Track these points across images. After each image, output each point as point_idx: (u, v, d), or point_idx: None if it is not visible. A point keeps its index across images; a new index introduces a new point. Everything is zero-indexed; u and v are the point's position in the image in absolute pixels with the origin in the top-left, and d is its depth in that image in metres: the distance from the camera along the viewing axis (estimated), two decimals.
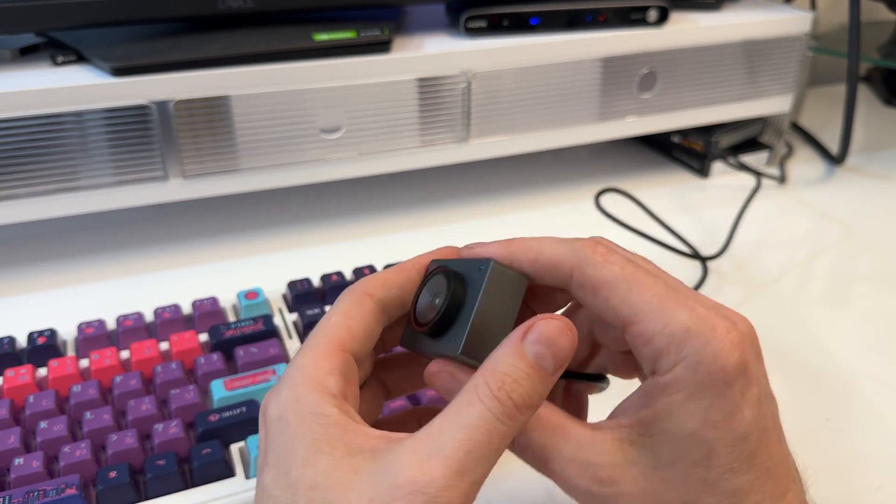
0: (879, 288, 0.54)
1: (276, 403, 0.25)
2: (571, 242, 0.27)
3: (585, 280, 0.26)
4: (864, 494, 0.37)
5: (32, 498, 0.32)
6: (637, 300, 0.25)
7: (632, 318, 0.25)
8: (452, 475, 0.23)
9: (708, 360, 0.24)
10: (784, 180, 0.69)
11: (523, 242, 0.28)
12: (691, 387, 0.24)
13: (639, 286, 0.25)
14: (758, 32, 0.64)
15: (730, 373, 0.24)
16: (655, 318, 0.25)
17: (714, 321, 0.25)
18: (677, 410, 0.24)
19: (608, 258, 0.26)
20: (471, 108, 0.58)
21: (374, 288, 0.29)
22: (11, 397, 0.39)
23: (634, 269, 0.26)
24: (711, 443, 0.24)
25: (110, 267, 0.56)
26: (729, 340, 0.24)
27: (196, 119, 0.51)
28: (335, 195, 0.66)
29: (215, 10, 0.53)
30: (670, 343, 0.24)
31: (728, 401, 0.24)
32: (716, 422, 0.24)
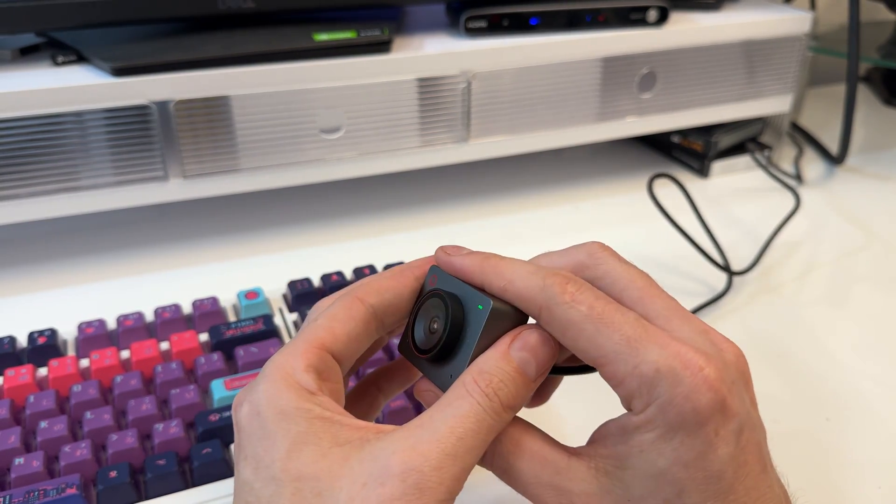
0: (879, 288, 0.54)
1: (250, 399, 0.25)
2: (543, 277, 0.26)
3: (553, 320, 0.26)
4: (864, 494, 0.37)
5: (33, 498, 0.32)
6: (605, 343, 0.25)
7: (601, 360, 0.25)
8: (445, 457, 0.24)
9: (678, 400, 0.24)
10: (801, 180, 0.69)
11: (497, 267, 0.27)
12: (662, 427, 0.24)
13: (606, 328, 0.25)
14: (758, 32, 0.64)
15: (702, 413, 0.24)
16: (624, 361, 0.24)
17: (687, 358, 0.24)
18: (648, 449, 0.24)
19: (576, 298, 0.25)
20: (471, 108, 0.58)
21: (368, 294, 0.28)
22: (12, 397, 0.39)
23: (603, 307, 0.25)
24: (682, 482, 0.24)
25: (111, 267, 0.56)
26: (702, 379, 0.24)
27: (196, 119, 0.51)
28: (335, 195, 0.66)
29: (215, 10, 0.53)
30: (641, 385, 0.24)
31: (700, 440, 0.24)
32: (686, 461, 0.24)
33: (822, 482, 0.38)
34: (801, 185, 0.69)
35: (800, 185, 0.69)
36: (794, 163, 0.72)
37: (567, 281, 0.26)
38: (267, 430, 0.24)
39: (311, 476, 0.23)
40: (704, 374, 0.24)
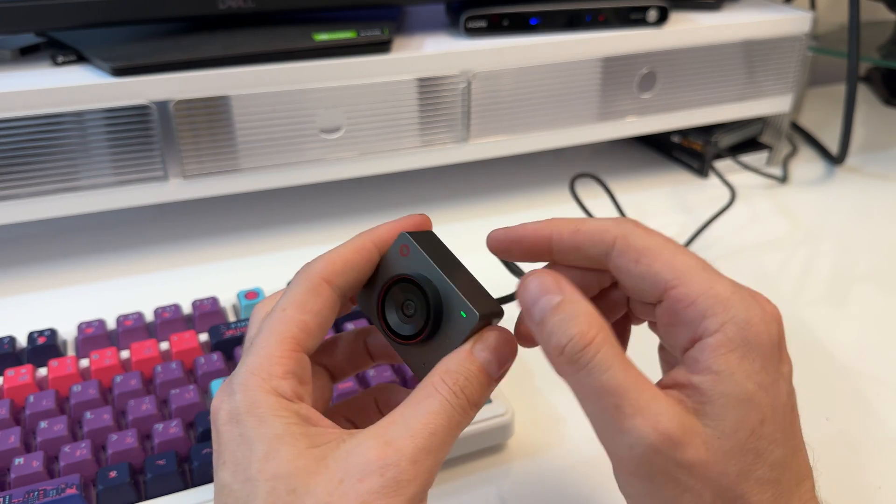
0: (879, 288, 0.54)
1: (229, 406, 0.25)
2: (616, 217, 0.28)
3: (629, 247, 0.27)
4: (864, 494, 0.37)
5: (32, 498, 0.32)
6: (681, 264, 0.26)
7: (675, 281, 0.25)
8: (419, 452, 0.24)
9: (756, 321, 0.25)
10: (786, 179, 0.69)
11: (563, 220, 0.29)
12: (744, 346, 0.24)
13: (682, 254, 0.26)
14: (758, 32, 0.64)
15: (774, 339, 0.25)
16: (700, 282, 0.25)
17: (754, 294, 0.26)
18: (736, 370, 0.24)
19: (651, 231, 0.27)
20: (471, 108, 0.58)
21: (334, 273, 0.28)
22: (11, 397, 0.39)
23: (677, 243, 0.27)
24: (764, 409, 0.24)
25: (110, 267, 0.56)
26: (770, 310, 0.26)
27: (196, 119, 0.51)
28: (335, 195, 0.66)
29: (216, 10, 0.53)
30: (716, 303, 0.25)
31: (773, 367, 0.25)
32: (767, 386, 0.24)
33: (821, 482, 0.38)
34: (784, 183, 0.69)
35: (783, 183, 0.69)
36: (783, 162, 0.72)
37: (639, 222, 0.28)
38: (245, 436, 0.25)
39: (286, 475, 0.24)
40: (770, 308, 0.26)
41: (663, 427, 0.23)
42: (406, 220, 0.30)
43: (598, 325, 0.25)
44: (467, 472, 0.38)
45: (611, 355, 0.24)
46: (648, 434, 0.23)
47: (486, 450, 0.39)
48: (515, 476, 0.38)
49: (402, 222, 0.30)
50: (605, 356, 0.24)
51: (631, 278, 0.27)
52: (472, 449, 0.39)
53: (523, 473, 0.38)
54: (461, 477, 0.38)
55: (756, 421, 0.24)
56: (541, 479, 0.38)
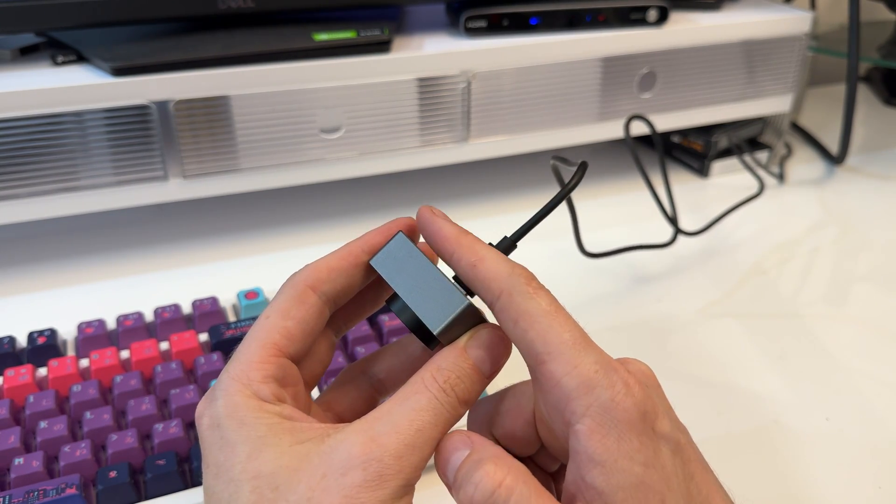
0: (879, 288, 0.54)
1: (210, 412, 0.25)
2: (512, 266, 0.27)
3: (510, 307, 0.26)
4: (864, 494, 0.37)
5: (32, 497, 0.32)
6: (553, 339, 0.25)
7: (545, 355, 0.25)
8: (404, 447, 0.24)
9: (619, 399, 0.24)
10: (783, 179, 0.69)
11: (472, 244, 0.28)
12: (615, 428, 0.24)
13: (558, 325, 0.25)
14: (758, 32, 0.64)
15: (641, 411, 0.24)
16: (565, 360, 0.24)
17: (615, 365, 0.25)
18: (619, 457, 0.23)
19: (539, 292, 0.26)
20: (471, 108, 0.58)
21: (319, 281, 0.28)
22: (11, 397, 0.39)
23: (558, 308, 0.26)
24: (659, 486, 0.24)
25: (110, 267, 0.56)
26: (632, 383, 0.24)
27: (196, 119, 0.51)
28: (335, 195, 0.66)
29: (215, 9, 0.53)
30: (580, 384, 0.24)
31: (650, 440, 0.24)
32: (652, 462, 0.24)
33: (821, 482, 0.38)
34: (781, 184, 0.69)
35: (780, 184, 0.69)
36: (780, 162, 0.72)
37: (532, 276, 0.27)
38: (227, 439, 0.25)
39: (269, 473, 0.24)
40: (631, 377, 0.25)
41: None
42: (395, 224, 0.30)
43: (507, 467, 0.24)
44: None
45: (525, 496, 0.24)
46: None
47: None
48: None
49: (392, 225, 0.30)
50: (519, 498, 0.24)
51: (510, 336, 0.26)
52: None
53: None
54: None
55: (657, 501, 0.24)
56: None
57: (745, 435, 0.41)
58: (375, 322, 0.44)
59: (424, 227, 0.29)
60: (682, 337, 0.48)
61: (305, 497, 0.23)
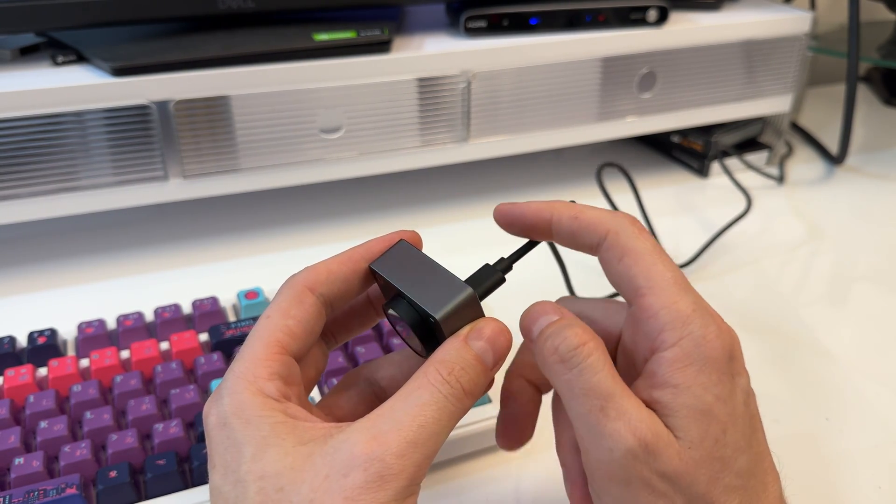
0: (879, 288, 0.54)
1: (217, 411, 0.25)
2: (615, 211, 0.29)
3: (617, 244, 0.28)
4: (864, 494, 0.37)
5: (33, 497, 0.32)
6: (656, 275, 0.27)
7: (645, 289, 0.27)
8: (406, 445, 0.24)
9: (711, 337, 0.26)
10: (783, 180, 0.69)
11: (567, 204, 0.30)
12: (699, 361, 0.26)
13: (661, 264, 0.27)
14: (757, 32, 0.65)
15: (727, 354, 0.26)
16: (667, 295, 0.26)
17: (713, 312, 0.27)
18: (693, 384, 0.25)
19: (642, 233, 0.28)
20: (471, 108, 0.58)
21: (317, 283, 0.28)
22: (12, 397, 0.39)
23: (662, 250, 0.28)
24: (724, 419, 0.25)
25: (110, 267, 0.56)
26: (725, 328, 0.27)
27: (196, 119, 0.51)
28: (335, 195, 0.66)
29: (216, 9, 0.53)
30: (676, 318, 0.26)
31: (728, 379, 0.26)
32: (724, 397, 0.26)
33: (821, 482, 0.38)
34: (781, 184, 0.69)
35: (780, 184, 0.69)
36: (780, 162, 0.72)
37: (636, 220, 0.29)
38: (233, 438, 0.25)
39: (274, 474, 0.24)
40: (725, 326, 0.27)
41: (641, 434, 0.25)
42: (398, 235, 0.30)
43: (592, 335, 0.26)
44: (467, 472, 0.38)
45: (602, 361, 0.26)
46: (628, 439, 0.25)
47: (486, 450, 0.39)
48: (515, 476, 0.38)
49: (394, 236, 0.30)
50: (597, 360, 0.26)
51: (611, 274, 0.28)
52: (472, 449, 0.39)
53: (523, 473, 0.38)
54: (461, 477, 0.38)
55: (718, 431, 0.25)
56: (541, 479, 0.38)
57: None
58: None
59: (510, 216, 0.31)
60: None
61: (308, 499, 0.23)
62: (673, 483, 0.25)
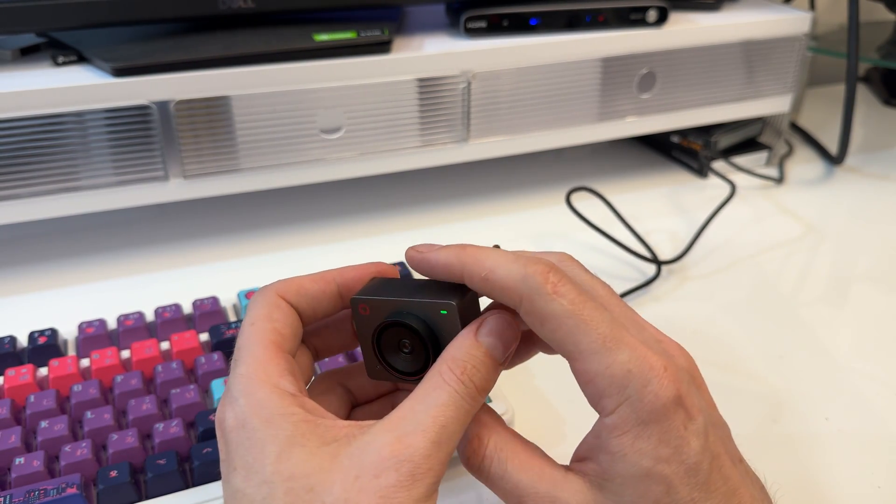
0: (879, 288, 0.54)
1: (234, 413, 0.25)
2: (524, 266, 0.26)
3: (534, 310, 0.26)
4: (864, 494, 0.37)
5: (33, 497, 0.32)
6: (582, 340, 0.25)
7: (576, 355, 0.26)
8: (431, 446, 0.25)
9: (648, 398, 0.25)
10: (782, 180, 0.70)
11: (476, 256, 0.27)
12: (637, 427, 0.25)
13: (585, 325, 0.25)
14: (757, 33, 0.65)
15: (670, 408, 0.25)
16: (598, 360, 0.25)
17: (652, 360, 0.25)
18: (629, 451, 0.25)
19: (558, 290, 0.26)
20: (470, 109, 0.58)
21: (288, 292, 0.29)
22: (12, 397, 0.39)
23: (584, 302, 0.26)
24: (668, 478, 0.25)
25: (111, 267, 0.56)
26: (667, 378, 0.25)
27: (196, 119, 0.51)
28: (335, 195, 0.66)
29: (216, 10, 0.53)
30: (611, 384, 0.25)
31: (673, 435, 0.25)
32: (667, 457, 0.25)
33: (821, 482, 0.38)
34: (781, 184, 0.69)
35: (779, 184, 0.69)
36: (779, 163, 0.72)
37: (549, 270, 0.26)
38: (255, 439, 0.25)
39: (303, 474, 0.24)
40: (669, 373, 0.25)
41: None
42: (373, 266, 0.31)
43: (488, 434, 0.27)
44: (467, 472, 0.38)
45: (503, 459, 0.27)
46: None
47: None
48: None
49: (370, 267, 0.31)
50: (499, 462, 0.27)
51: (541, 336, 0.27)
52: None
53: None
54: (461, 476, 0.38)
55: (659, 491, 0.25)
56: None
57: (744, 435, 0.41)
58: None
59: (420, 266, 0.29)
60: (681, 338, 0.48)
61: (342, 498, 0.23)
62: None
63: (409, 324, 0.28)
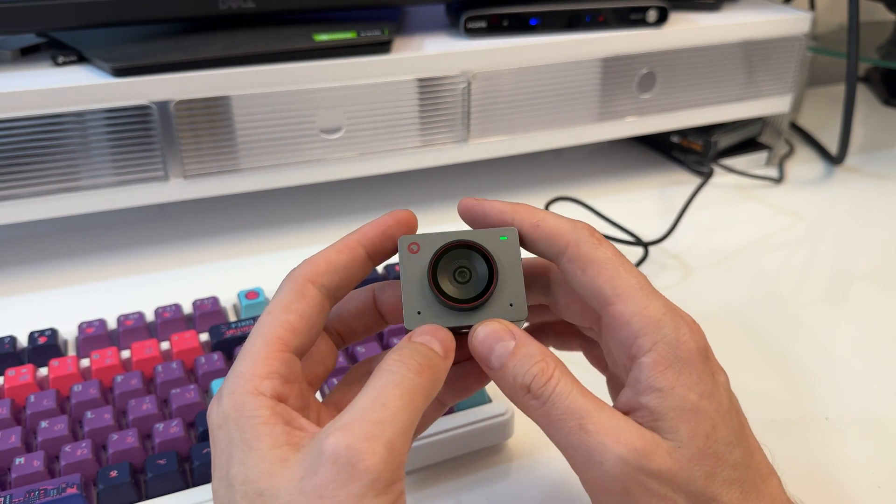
0: (878, 287, 0.54)
1: (217, 412, 0.26)
2: (572, 220, 0.29)
3: (579, 256, 0.28)
4: (864, 494, 0.37)
5: (33, 497, 0.32)
6: (621, 283, 0.27)
7: (613, 298, 0.27)
8: (372, 426, 0.23)
9: (683, 340, 0.26)
10: (782, 180, 0.70)
11: (527, 207, 0.30)
12: (676, 363, 0.26)
13: (625, 272, 0.27)
14: (757, 33, 0.65)
15: (700, 356, 0.27)
16: (634, 302, 0.27)
17: (681, 313, 0.28)
18: (675, 385, 0.26)
19: (602, 243, 0.28)
20: (470, 109, 0.58)
21: (318, 274, 0.28)
22: (12, 397, 0.39)
23: (623, 257, 0.28)
24: (712, 415, 0.26)
25: (111, 267, 0.56)
26: (696, 329, 0.27)
27: (196, 119, 0.51)
28: (335, 195, 0.66)
29: (216, 10, 0.53)
30: (648, 324, 0.26)
31: (710, 377, 0.27)
32: (708, 394, 0.26)
33: (821, 482, 0.38)
34: (780, 184, 0.69)
35: (779, 184, 0.69)
36: (779, 163, 0.72)
37: (594, 229, 0.29)
38: (229, 439, 0.25)
39: (254, 478, 0.24)
40: (695, 327, 0.27)
41: (626, 440, 0.25)
42: (391, 216, 0.30)
43: (554, 360, 0.27)
44: (467, 472, 0.38)
45: (569, 384, 0.27)
46: (614, 449, 0.25)
47: (486, 450, 0.39)
48: (515, 476, 0.38)
49: (388, 217, 0.30)
50: (565, 385, 0.26)
51: (577, 285, 0.28)
52: (472, 449, 0.39)
53: (523, 473, 0.38)
54: (461, 477, 0.38)
55: (708, 427, 0.26)
56: (540, 479, 0.38)
57: None
58: None
59: (473, 212, 0.30)
60: None
61: (285, 502, 0.23)
62: (669, 483, 0.25)
63: (476, 242, 0.28)
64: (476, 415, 0.38)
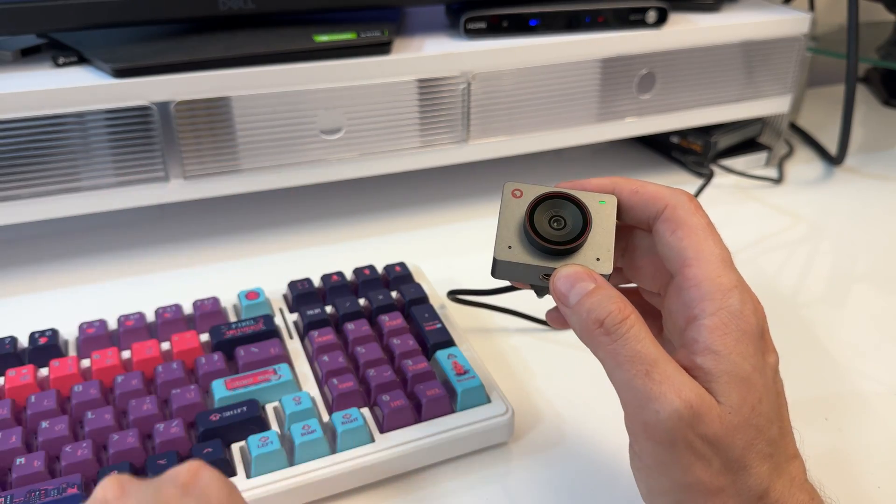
0: (879, 288, 0.54)
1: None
2: (671, 187, 0.31)
3: (673, 217, 0.29)
4: (863, 494, 0.37)
5: (34, 497, 0.32)
6: (705, 249, 0.29)
7: (692, 260, 0.28)
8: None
9: (747, 313, 0.27)
10: (782, 181, 0.70)
11: (626, 178, 0.32)
12: (736, 331, 0.27)
13: (712, 241, 0.29)
14: (756, 33, 0.65)
15: (761, 331, 0.28)
16: (711, 268, 0.28)
17: (753, 296, 0.29)
18: (733, 351, 0.27)
19: (699, 210, 0.30)
20: (470, 109, 0.58)
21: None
22: (13, 397, 0.39)
23: (713, 228, 0.30)
24: (760, 389, 0.27)
25: (111, 267, 0.56)
26: (760, 308, 0.29)
27: (197, 120, 0.51)
28: (335, 195, 0.66)
29: (216, 11, 0.53)
30: (717, 290, 0.28)
31: (761, 354, 0.28)
32: (759, 368, 0.27)
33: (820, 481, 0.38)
34: (780, 184, 0.69)
35: (778, 184, 0.69)
36: (779, 163, 0.72)
37: (693, 196, 0.30)
38: None
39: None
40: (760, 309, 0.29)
41: (687, 397, 0.26)
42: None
43: (630, 306, 0.28)
44: (467, 472, 0.38)
45: (644, 330, 0.28)
46: (675, 402, 0.26)
47: (486, 449, 0.40)
48: (515, 476, 0.38)
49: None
50: (640, 330, 0.27)
51: (663, 245, 0.30)
52: (471, 448, 0.39)
53: (523, 473, 0.38)
54: (461, 477, 0.38)
55: (755, 399, 0.27)
56: (541, 478, 0.38)
57: None
58: (375, 322, 0.45)
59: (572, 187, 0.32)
60: None
61: None
62: (713, 446, 0.26)
63: (574, 195, 0.30)
64: (476, 415, 0.38)
